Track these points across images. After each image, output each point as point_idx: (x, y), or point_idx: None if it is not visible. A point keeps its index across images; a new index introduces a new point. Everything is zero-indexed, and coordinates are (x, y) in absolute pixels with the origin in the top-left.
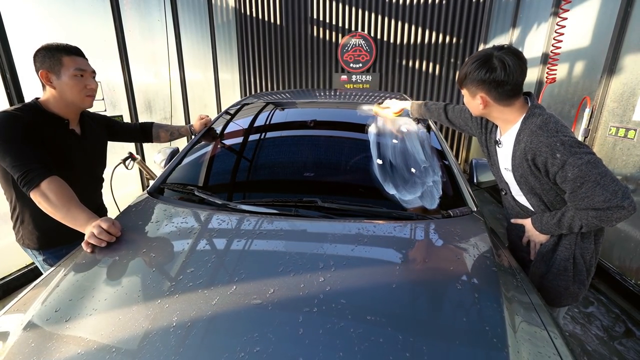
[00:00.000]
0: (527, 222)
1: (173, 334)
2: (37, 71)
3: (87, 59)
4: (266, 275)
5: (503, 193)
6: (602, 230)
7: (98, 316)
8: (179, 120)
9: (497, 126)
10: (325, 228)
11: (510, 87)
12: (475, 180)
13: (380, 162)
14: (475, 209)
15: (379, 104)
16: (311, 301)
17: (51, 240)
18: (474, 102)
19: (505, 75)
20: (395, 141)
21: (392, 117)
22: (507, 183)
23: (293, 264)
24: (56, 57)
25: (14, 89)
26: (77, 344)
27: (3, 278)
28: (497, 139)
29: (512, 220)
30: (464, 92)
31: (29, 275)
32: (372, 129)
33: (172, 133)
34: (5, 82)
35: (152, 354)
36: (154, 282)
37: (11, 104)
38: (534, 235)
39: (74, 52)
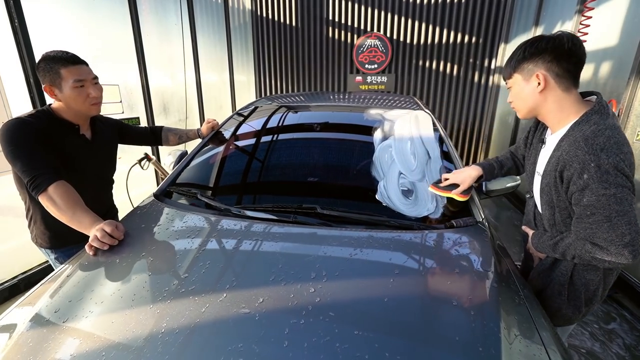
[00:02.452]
0: (530, 234)
1: (160, 341)
2: (42, 85)
3: (86, 64)
4: (257, 284)
5: (528, 196)
6: None
7: (92, 319)
8: (194, 122)
9: (547, 127)
10: (323, 236)
11: (575, 60)
12: (484, 189)
13: None
14: (481, 219)
15: (435, 184)
16: (299, 313)
17: (62, 240)
18: (528, 86)
19: (571, 44)
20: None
21: (460, 198)
22: (533, 187)
23: (285, 273)
24: (54, 70)
25: (37, 92)
26: (69, 345)
27: (25, 272)
28: (543, 138)
29: (523, 227)
30: (513, 80)
31: (47, 271)
32: (377, 134)
33: (181, 136)
34: (29, 86)
35: (139, 358)
36: (148, 287)
37: (34, 106)
38: (532, 249)
39: (71, 61)
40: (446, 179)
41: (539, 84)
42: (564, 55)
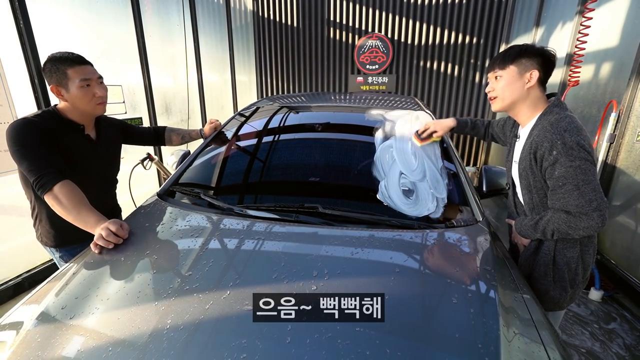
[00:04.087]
0: (513, 224)
1: (165, 337)
2: (48, 85)
3: (91, 65)
4: (260, 282)
5: (507, 187)
6: (592, 241)
7: (98, 315)
8: (196, 122)
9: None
10: (325, 235)
11: (552, 72)
12: (484, 188)
13: None
14: (481, 219)
15: (418, 134)
16: None
17: (66, 239)
18: (521, 80)
19: (553, 58)
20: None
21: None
22: (512, 177)
23: (287, 271)
24: (61, 71)
25: (41, 92)
26: (76, 341)
27: (29, 270)
28: (517, 132)
29: (506, 220)
30: (507, 71)
31: (51, 269)
32: (378, 134)
33: (184, 137)
34: (34, 86)
35: (144, 354)
36: (153, 285)
37: (39, 107)
38: (517, 236)
39: (77, 61)
40: (427, 128)
41: (528, 81)
42: (549, 65)
